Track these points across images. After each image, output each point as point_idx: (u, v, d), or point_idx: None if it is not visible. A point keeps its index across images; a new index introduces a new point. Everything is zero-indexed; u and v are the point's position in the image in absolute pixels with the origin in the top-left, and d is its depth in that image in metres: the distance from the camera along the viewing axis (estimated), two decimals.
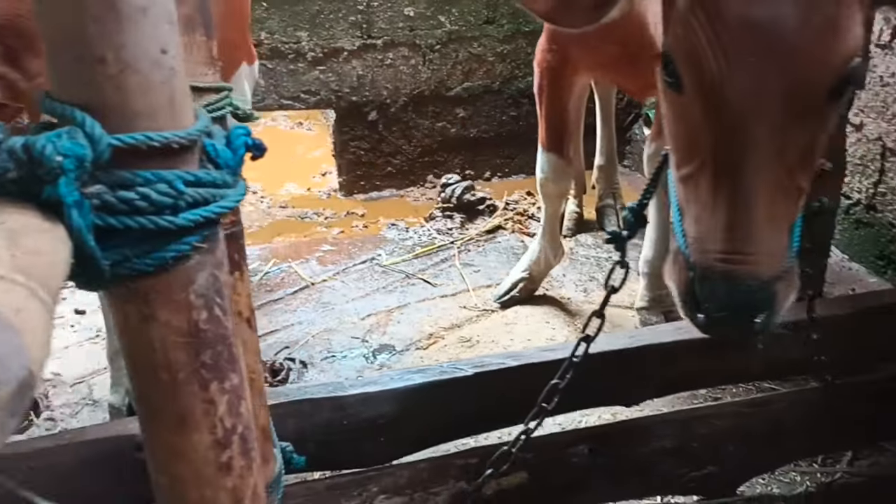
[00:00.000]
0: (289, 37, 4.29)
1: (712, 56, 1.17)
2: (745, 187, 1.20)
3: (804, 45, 1.14)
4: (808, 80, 1.16)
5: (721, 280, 1.23)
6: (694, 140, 1.28)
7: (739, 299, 1.23)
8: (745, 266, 1.22)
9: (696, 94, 1.23)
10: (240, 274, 1.45)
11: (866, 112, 2.86)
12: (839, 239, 2.99)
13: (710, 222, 1.25)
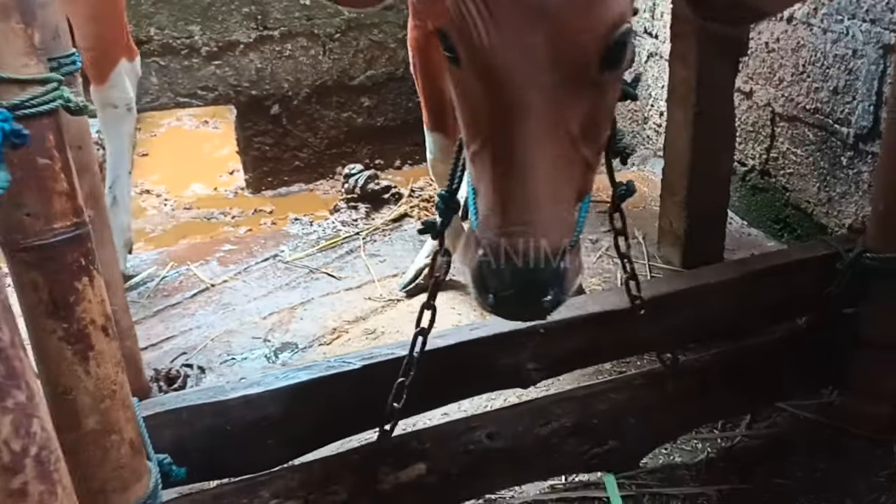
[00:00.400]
0: (180, 31, 4.13)
1: (480, 25, 1.16)
2: (521, 158, 1.17)
3: (565, 10, 1.13)
4: (574, 46, 1.15)
5: (503, 255, 1.18)
6: (476, 115, 1.25)
7: (523, 275, 1.18)
8: (525, 239, 1.18)
9: (471, 66, 1.21)
10: (89, 279, 1.35)
11: (755, 79, 2.89)
12: (738, 206, 3.03)
13: (492, 198, 1.21)
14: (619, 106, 4.12)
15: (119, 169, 2.98)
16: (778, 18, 2.74)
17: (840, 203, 2.58)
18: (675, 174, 2.69)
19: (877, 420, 1.97)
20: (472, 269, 1.25)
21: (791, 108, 2.74)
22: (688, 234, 2.69)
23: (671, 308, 1.83)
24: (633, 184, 1.79)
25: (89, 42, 2.77)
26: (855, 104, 2.46)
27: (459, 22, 1.19)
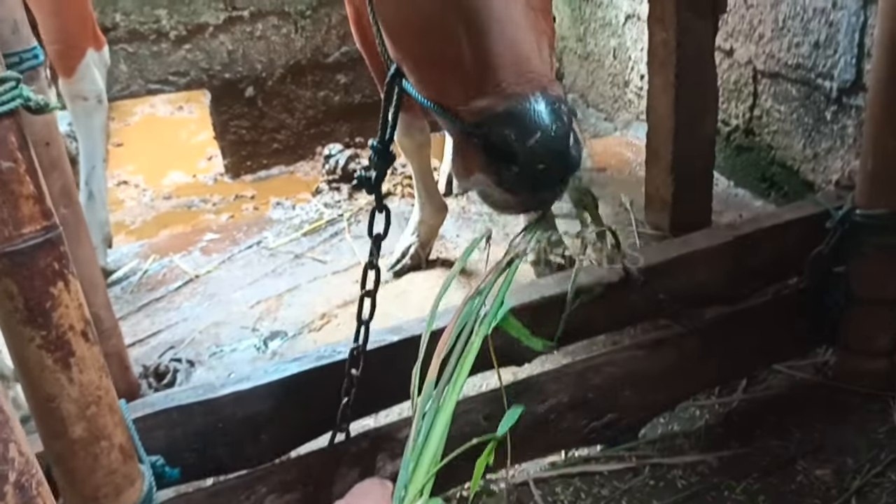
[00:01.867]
0: (146, 16, 4.03)
1: None
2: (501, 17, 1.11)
3: None
4: None
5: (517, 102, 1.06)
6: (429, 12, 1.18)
7: (543, 110, 1.05)
8: (532, 82, 1.07)
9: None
10: (64, 284, 1.30)
11: (735, 36, 2.84)
12: (723, 166, 3.00)
13: (481, 72, 1.10)
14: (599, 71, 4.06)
15: (93, 162, 2.91)
16: None
17: (826, 159, 2.55)
18: (658, 139, 2.65)
19: (872, 376, 1.96)
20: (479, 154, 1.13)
21: (773, 64, 2.70)
22: (675, 198, 2.66)
23: (663, 276, 1.81)
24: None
25: (54, 35, 2.69)
26: (837, 58, 2.42)
27: None
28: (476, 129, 1.12)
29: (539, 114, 1.05)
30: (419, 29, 1.25)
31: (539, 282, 1.95)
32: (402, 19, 1.29)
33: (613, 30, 3.64)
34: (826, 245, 1.87)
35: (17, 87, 1.21)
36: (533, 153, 1.06)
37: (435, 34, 1.20)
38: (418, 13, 1.23)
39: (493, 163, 1.11)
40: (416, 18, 1.24)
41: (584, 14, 3.86)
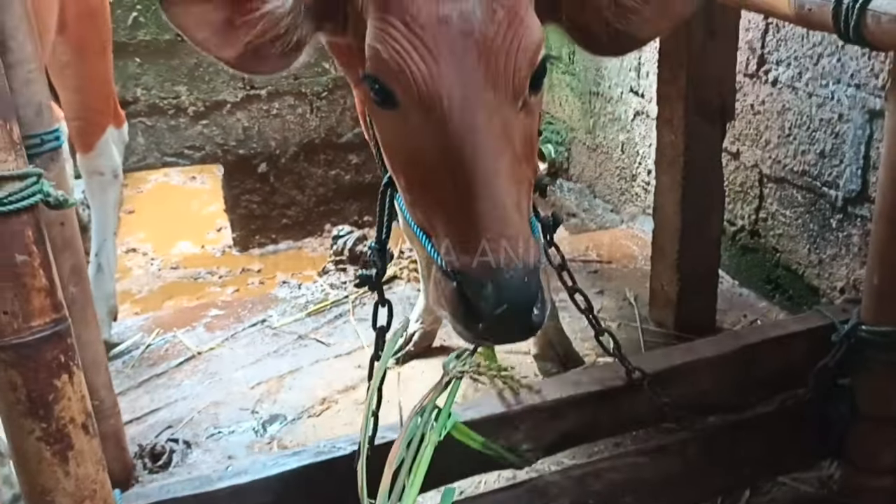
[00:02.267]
0: (167, 92, 4.14)
1: (419, 59, 1.23)
2: (486, 177, 1.22)
3: (495, 35, 1.24)
4: (510, 68, 1.25)
5: (490, 273, 1.19)
6: (417, 154, 1.29)
7: (515, 287, 1.19)
8: (509, 252, 1.20)
9: (413, 102, 1.26)
10: (69, 377, 1.31)
11: (742, 140, 2.90)
12: (728, 265, 3.01)
13: (462, 224, 1.23)
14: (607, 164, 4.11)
15: (105, 235, 2.94)
16: (762, 81, 2.76)
17: (831, 265, 2.57)
18: (665, 237, 2.68)
19: (878, 493, 1.93)
20: (452, 304, 1.25)
21: (779, 169, 2.75)
22: (680, 296, 2.67)
23: (667, 383, 1.80)
24: (559, 213, 1.83)
25: (76, 112, 2.76)
26: (843, 167, 2.46)
27: (397, 65, 1.24)
28: (452, 276, 1.24)
29: (508, 288, 1.18)
30: (415, 165, 1.34)
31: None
32: (400, 151, 1.37)
33: (622, 125, 3.71)
34: (831, 359, 1.86)
35: (37, 183, 1.24)
36: (497, 319, 1.18)
37: (428, 175, 1.30)
38: (416, 154, 1.31)
39: (462, 311, 1.23)
40: (413, 157, 1.32)
41: (594, 108, 3.95)
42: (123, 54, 3.90)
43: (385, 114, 1.33)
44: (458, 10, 1.24)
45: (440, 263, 1.28)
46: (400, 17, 1.24)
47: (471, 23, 1.24)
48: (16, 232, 1.19)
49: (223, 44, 1.37)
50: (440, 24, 1.23)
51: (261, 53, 1.38)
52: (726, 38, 2.42)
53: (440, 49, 1.23)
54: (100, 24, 2.84)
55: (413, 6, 1.24)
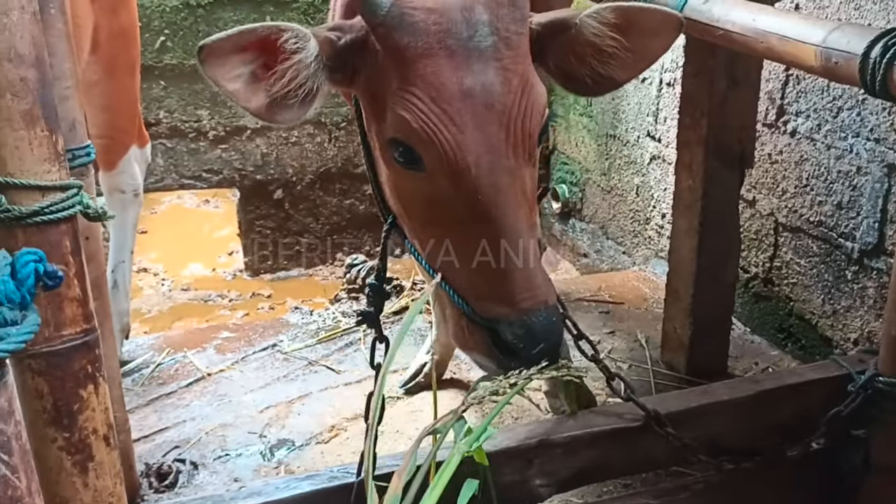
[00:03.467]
0: (189, 115, 4.19)
1: (446, 130, 1.35)
2: (514, 235, 1.36)
3: (513, 104, 1.38)
4: (526, 132, 1.40)
5: (527, 317, 1.36)
6: (446, 211, 1.41)
7: (547, 329, 1.37)
8: (539, 299, 1.38)
9: (441, 168, 1.37)
10: (94, 387, 1.32)
11: (758, 188, 2.92)
12: (740, 312, 3.02)
13: (492, 277, 1.37)
14: (621, 206, 4.14)
15: (122, 253, 2.96)
16: (781, 131, 2.79)
17: (845, 317, 2.57)
18: (679, 280, 2.69)
19: None
20: (484, 347, 1.41)
21: (794, 219, 2.76)
22: (692, 340, 2.67)
23: (681, 425, 1.79)
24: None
25: (102, 130, 2.79)
26: (860, 220, 2.48)
27: (426, 135, 1.36)
28: (485, 322, 1.39)
29: (542, 331, 1.37)
30: (438, 222, 1.45)
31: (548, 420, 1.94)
32: (423, 208, 1.48)
33: (637, 168, 3.74)
34: (845, 407, 1.86)
35: (77, 194, 1.27)
36: (533, 357, 1.37)
37: (452, 231, 1.42)
38: (441, 212, 1.43)
39: (496, 353, 1.40)
40: (437, 215, 1.44)
41: (609, 150, 3.98)
42: (149, 77, 3.96)
43: (408, 174, 1.43)
44: (480, 84, 1.36)
45: (467, 311, 1.42)
46: (426, 90, 1.36)
47: (492, 95, 1.37)
48: (54, 241, 1.21)
49: (251, 95, 1.47)
50: (464, 98, 1.36)
51: (283, 103, 1.49)
52: (748, 88, 2.46)
53: (465, 120, 1.35)
54: (130, 45, 2.90)
55: (438, 80, 1.36)
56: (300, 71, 1.45)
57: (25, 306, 0.66)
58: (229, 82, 1.46)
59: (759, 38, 1.92)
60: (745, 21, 1.97)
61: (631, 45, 1.55)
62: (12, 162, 1.16)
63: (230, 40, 1.43)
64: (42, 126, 1.18)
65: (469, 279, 1.41)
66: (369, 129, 1.59)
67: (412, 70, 1.38)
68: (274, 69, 1.44)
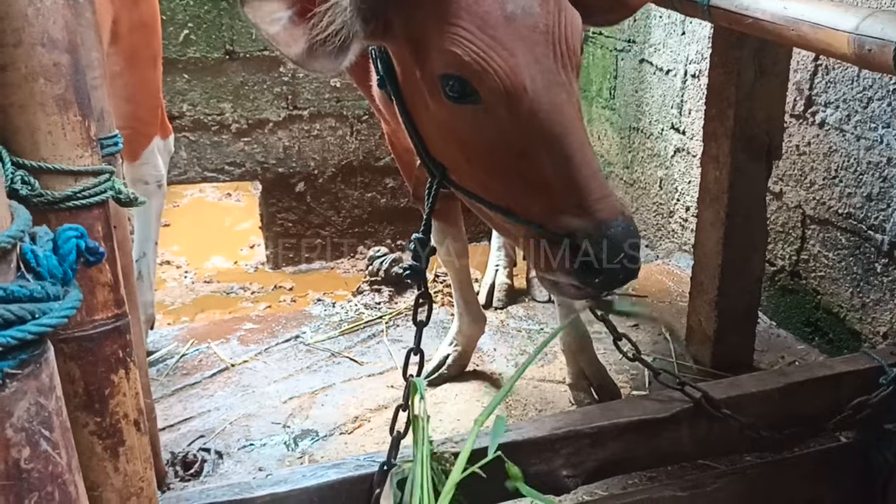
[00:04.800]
0: (212, 108, 4.20)
1: (498, 57, 1.37)
2: (581, 148, 1.38)
3: (553, 23, 1.41)
4: (571, 48, 1.43)
5: (609, 226, 1.34)
6: (507, 139, 1.41)
7: (629, 235, 1.36)
8: (615, 208, 1.37)
9: (498, 96, 1.39)
10: (125, 372, 1.32)
11: (785, 180, 2.89)
12: (766, 306, 2.99)
13: (568, 193, 1.37)
14: (644, 199, 4.09)
15: (146, 245, 2.98)
16: (809, 122, 2.76)
17: (874, 310, 2.54)
18: (705, 273, 2.66)
19: None
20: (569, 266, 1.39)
21: (823, 211, 2.73)
22: (718, 334, 2.65)
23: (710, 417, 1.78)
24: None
25: (125, 121, 2.80)
26: (889, 212, 2.44)
27: (479, 65, 1.37)
28: (564, 239, 1.38)
29: (624, 238, 1.35)
30: (499, 152, 1.44)
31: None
32: (481, 142, 1.46)
33: (661, 161, 3.71)
34: (875, 397, 1.83)
35: (109, 180, 1.27)
36: (616, 270, 1.36)
37: (516, 158, 1.41)
38: (502, 142, 1.42)
39: (580, 271, 1.38)
40: (499, 145, 1.43)
41: (632, 143, 3.96)
42: (173, 70, 3.97)
43: (461, 109, 1.44)
44: (521, 7, 1.39)
45: (542, 232, 1.41)
46: (471, 20, 1.38)
47: (533, 16, 1.40)
48: (87, 226, 1.21)
49: (290, 40, 1.48)
50: (509, 22, 1.38)
51: (321, 50, 1.49)
52: (776, 78, 2.43)
53: (514, 44, 1.38)
54: (151, 37, 2.91)
55: (481, 9, 1.38)
56: (337, 15, 1.45)
57: (67, 282, 0.66)
58: (269, 25, 1.46)
59: (790, 26, 1.89)
60: (776, 9, 1.94)
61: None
62: (45, 147, 1.16)
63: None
64: (75, 111, 1.18)
65: (543, 201, 1.41)
66: (409, 80, 1.56)
67: (454, 3, 1.40)
68: (312, 12, 1.45)
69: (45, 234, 0.67)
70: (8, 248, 0.59)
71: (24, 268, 0.63)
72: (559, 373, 2.75)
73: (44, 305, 0.62)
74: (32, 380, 0.64)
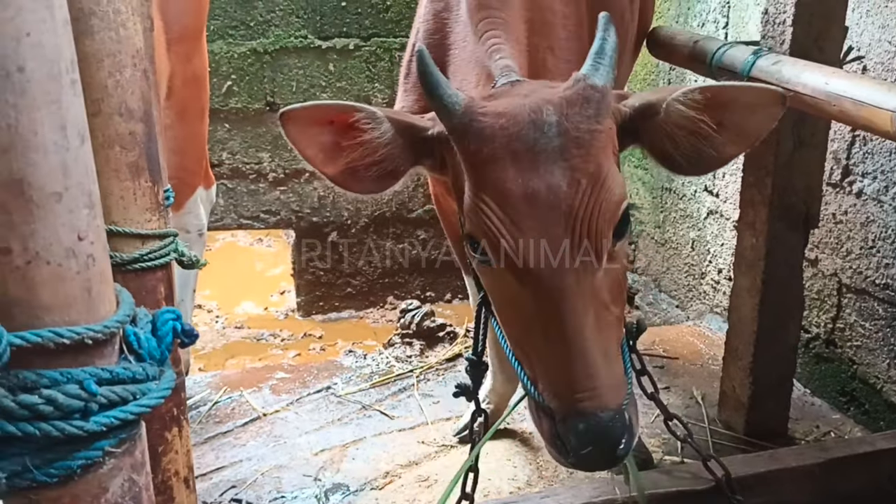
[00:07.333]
0: (250, 158, 4.30)
1: (507, 233, 1.36)
2: (573, 332, 1.33)
3: (580, 205, 1.34)
4: (593, 233, 1.35)
5: (579, 419, 1.31)
6: (516, 304, 1.41)
7: (599, 431, 1.31)
8: (595, 401, 1.32)
9: (506, 266, 1.38)
10: (178, 430, 1.35)
11: (821, 248, 2.89)
12: (800, 373, 2.96)
13: (555, 373, 1.35)
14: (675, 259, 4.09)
15: (184, 291, 3.03)
16: (846, 192, 2.77)
17: None
18: (739, 339, 2.66)
19: None
20: (548, 434, 1.39)
21: (859, 280, 2.73)
22: (752, 401, 2.63)
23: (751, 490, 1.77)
24: (644, 321, 1.90)
25: (172, 171, 2.84)
26: None
27: (488, 238, 1.38)
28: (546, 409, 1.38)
29: (596, 432, 1.31)
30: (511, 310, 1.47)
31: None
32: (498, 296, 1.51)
33: (694, 222, 3.73)
34: None
35: (173, 242, 1.32)
36: (585, 458, 1.33)
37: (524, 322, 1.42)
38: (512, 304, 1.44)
39: (556, 444, 1.38)
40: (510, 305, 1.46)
41: (664, 203, 3.98)
42: (214, 119, 4.08)
43: (485, 266, 1.46)
44: (545, 185, 1.35)
45: (536, 396, 1.41)
46: (492, 195, 1.37)
47: (557, 196, 1.35)
48: (150, 287, 1.26)
49: (327, 161, 1.55)
50: (528, 201, 1.35)
51: (358, 175, 1.56)
52: (815, 149, 2.44)
53: (527, 224, 1.35)
54: (201, 91, 3.00)
55: (504, 185, 1.36)
56: (376, 149, 1.51)
57: (163, 362, 0.70)
58: (307, 148, 1.54)
59: (832, 101, 1.93)
60: (818, 84, 1.98)
61: (727, 123, 1.49)
62: (117, 211, 1.22)
63: (307, 111, 1.53)
64: (146, 177, 1.24)
65: (536, 368, 1.41)
66: (459, 209, 1.60)
67: (481, 175, 1.40)
68: (349, 143, 1.51)
69: (145, 315, 0.71)
70: (115, 332, 0.63)
71: (126, 349, 0.66)
72: None
73: (143, 386, 0.65)
74: (127, 457, 0.66)
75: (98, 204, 0.63)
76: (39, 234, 0.58)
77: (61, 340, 0.59)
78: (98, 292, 0.63)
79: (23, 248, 0.58)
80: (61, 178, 0.58)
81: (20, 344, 0.57)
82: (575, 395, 1.32)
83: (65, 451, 0.60)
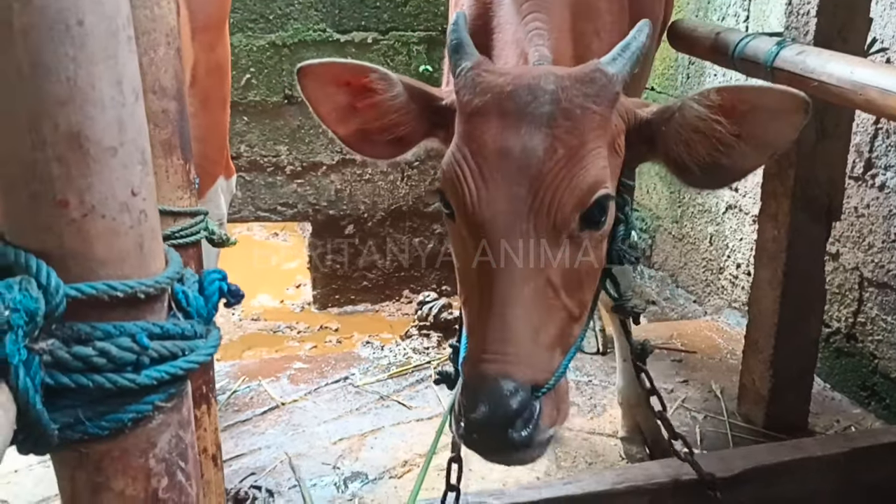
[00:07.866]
0: (268, 150, 4.31)
1: (473, 184, 1.34)
2: (504, 299, 1.29)
3: (549, 171, 1.32)
4: (555, 203, 1.32)
5: (479, 380, 1.25)
6: (466, 262, 1.40)
7: (493, 398, 1.22)
8: (499, 366, 1.26)
9: (462, 218, 1.38)
10: (207, 407, 1.36)
11: (842, 241, 2.88)
12: (820, 367, 2.95)
13: (476, 332, 1.32)
14: (693, 254, 4.08)
15: None
16: (868, 185, 2.75)
17: None
18: (760, 333, 2.65)
19: None
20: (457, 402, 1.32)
21: (881, 274, 2.71)
22: (772, 394, 2.62)
23: (772, 480, 1.76)
24: (649, 343, 1.86)
25: (195, 160, 2.89)
26: None
27: (454, 187, 1.36)
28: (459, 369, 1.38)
29: (489, 398, 1.23)
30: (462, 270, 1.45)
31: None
32: (455, 255, 1.49)
33: (712, 217, 3.72)
34: None
35: (203, 220, 1.33)
36: (474, 426, 1.24)
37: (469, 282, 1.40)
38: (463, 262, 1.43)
39: (457, 406, 1.31)
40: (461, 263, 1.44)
41: (682, 198, 3.97)
42: (233, 112, 4.07)
43: (449, 221, 1.46)
44: (521, 145, 1.34)
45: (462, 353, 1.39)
46: (468, 145, 1.37)
47: (529, 157, 1.33)
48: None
49: (339, 121, 1.56)
50: (500, 156, 1.34)
51: (369, 138, 1.56)
52: (838, 140, 2.43)
53: (494, 176, 1.34)
54: (224, 80, 3.01)
55: (482, 137, 1.36)
56: (388, 111, 1.51)
57: (209, 321, 0.70)
58: (321, 105, 1.55)
59: (858, 91, 1.91)
60: (843, 73, 1.96)
61: (744, 130, 1.42)
62: None
63: (324, 67, 1.54)
64: (178, 155, 1.25)
65: (467, 329, 1.39)
66: None
67: (465, 126, 1.40)
68: (363, 104, 1.52)
69: (192, 275, 0.71)
70: (164, 288, 0.63)
71: (175, 307, 0.67)
72: (609, 426, 2.74)
73: (191, 343, 0.65)
74: (175, 413, 0.67)
75: (150, 161, 0.64)
76: (95, 188, 0.59)
77: (115, 293, 0.59)
78: (149, 248, 0.64)
79: (79, 202, 0.58)
80: (117, 133, 0.59)
81: (76, 296, 0.57)
82: (482, 355, 1.27)
83: (116, 404, 0.61)
